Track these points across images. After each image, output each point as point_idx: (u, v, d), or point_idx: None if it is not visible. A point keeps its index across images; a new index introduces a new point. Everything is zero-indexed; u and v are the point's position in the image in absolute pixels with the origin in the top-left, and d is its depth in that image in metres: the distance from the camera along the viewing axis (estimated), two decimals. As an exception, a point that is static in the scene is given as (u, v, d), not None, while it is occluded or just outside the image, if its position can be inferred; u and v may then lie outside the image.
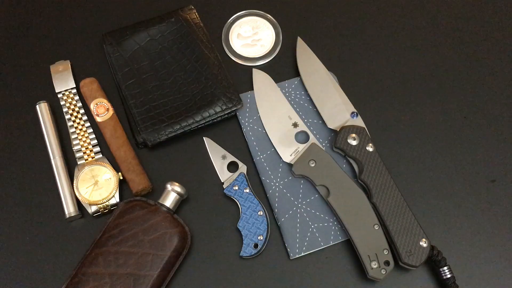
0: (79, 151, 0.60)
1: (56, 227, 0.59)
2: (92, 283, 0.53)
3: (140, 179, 0.59)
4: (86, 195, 0.58)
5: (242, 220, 0.58)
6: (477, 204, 0.60)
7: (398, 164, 0.62)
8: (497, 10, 0.71)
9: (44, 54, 0.67)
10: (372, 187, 0.58)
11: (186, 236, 0.56)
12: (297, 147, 0.61)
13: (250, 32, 0.69)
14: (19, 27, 0.69)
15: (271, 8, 0.71)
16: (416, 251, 0.55)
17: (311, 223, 0.58)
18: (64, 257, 0.57)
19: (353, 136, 0.60)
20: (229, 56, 0.68)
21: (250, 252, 0.57)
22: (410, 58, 0.68)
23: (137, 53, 0.64)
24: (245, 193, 0.59)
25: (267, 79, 0.65)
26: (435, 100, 0.66)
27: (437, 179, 0.62)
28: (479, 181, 0.62)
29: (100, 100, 0.62)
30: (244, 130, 0.63)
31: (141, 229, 0.55)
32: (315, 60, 0.66)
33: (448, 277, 0.55)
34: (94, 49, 0.68)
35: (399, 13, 0.71)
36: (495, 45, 0.69)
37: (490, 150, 0.63)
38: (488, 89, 0.66)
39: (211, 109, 0.62)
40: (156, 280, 0.54)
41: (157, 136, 0.60)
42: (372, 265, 0.55)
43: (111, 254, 0.54)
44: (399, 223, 0.56)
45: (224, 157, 0.61)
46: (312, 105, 0.64)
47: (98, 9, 0.70)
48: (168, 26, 0.66)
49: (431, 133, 0.64)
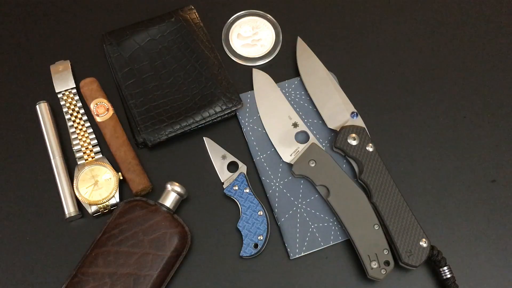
0: (79, 151, 0.60)
1: (56, 227, 0.59)
2: (92, 283, 0.53)
3: (140, 179, 0.59)
4: (86, 195, 0.58)
5: (242, 220, 0.58)
6: (477, 204, 0.60)
7: (398, 164, 0.62)
8: (497, 10, 0.71)
9: (44, 54, 0.67)
10: (372, 187, 0.58)
11: (186, 236, 0.56)
12: (297, 147, 0.61)
13: (250, 32, 0.69)
14: (19, 27, 0.69)
15: (271, 8, 0.71)
16: (416, 251, 0.55)
17: (311, 223, 0.58)
18: (64, 257, 0.57)
19: (353, 136, 0.60)
20: (229, 56, 0.68)
21: (250, 252, 0.57)
22: (410, 58, 0.68)
23: (137, 53, 0.64)
24: (245, 193, 0.59)
25: (267, 79, 0.65)
26: (435, 100, 0.66)
27: (437, 179, 0.62)
28: (479, 181, 0.62)
29: (100, 100, 0.62)
30: (244, 130, 0.63)
31: (141, 229, 0.55)
32: (315, 60, 0.66)
33: (448, 277, 0.55)
34: (94, 49, 0.68)
35: (399, 13, 0.71)
36: (495, 45, 0.69)
37: (490, 150, 0.63)
38: (488, 89, 0.66)
39: (211, 109, 0.62)
40: (156, 280, 0.54)
41: (157, 136, 0.60)
42: (372, 265, 0.55)
43: (111, 254, 0.54)
44: (399, 223, 0.56)
45: (224, 157, 0.61)
46: (312, 105, 0.64)
47: (98, 9, 0.70)
48: (168, 26, 0.66)
49: (431, 133, 0.64)
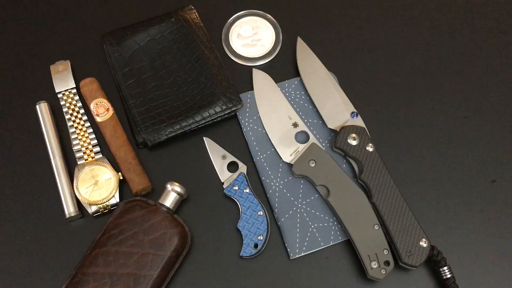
0: (79, 151, 0.60)
1: (56, 227, 0.59)
2: (92, 283, 0.53)
3: (140, 179, 0.59)
4: (86, 195, 0.58)
5: (242, 220, 0.58)
6: (477, 204, 0.60)
7: (398, 164, 0.62)
8: (496, 10, 0.71)
9: (44, 54, 0.67)
10: (372, 187, 0.58)
11: (186, 236, 0.56)
12: (297, 147, 0.61)
13: (250, 32, 0.69)
14: (19, 27, 0.69)
15: (271, 8, 0.71)
16: (416, 251, 0.55)
17: (311, 223, 0.58)
18: (64, 257, 0.57)
19: (353, 136, 0.60)
20: (229, 56, 0.68)
21: (250, 252, 0.57)
22: (410, 58, 0.68)
23: (137, 53, 0.64)
24: (245, 193, 0.59)
25: (267, 79, 0.65)
26: (435, 100, 0.66)
27: (437, 179, 0.62)
28: (479, 181, 0.62)
29: (100, 100, 0.62)
30: (244, 130, 0.63)
31: (141, 229, 0.55)
32: (315, 60, 0.66)
33: (448, 277, 0.55)
34: (94, 49, 0.68)
35: (399, 13, 0.71)
36: (495, 45, 0.69)
37: (490, 150, 0.63)
38: (488, 89, 0.66)
39: (211, 109, 0.62)
40: (156, 280, 0.54)
41: (157, 136, 0.60)
42: (372, 265, 0.55)
43: (111, 254, 0.54)
44: (399, 223, 0.56)
45: (224, 157, 0.61)
46: (312, 105, 0.64)
47: (98, 9, 0.70)
48: (168, 26, 0.66)
49: (431, 133, 0.64)
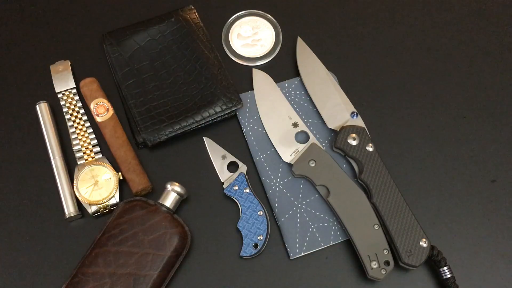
0: (79, 151, 0.60)
1: (56, 227, 0.59)
2: (92, 283, 0.53)
3: (140, 179, 0.59)
4: (86, 195, 0.58)
5: (242, 220, 0.58)
6: (477, 204, 0.60)
7: (398, 164, 0.62)
8: (496, 11, 0.71)
9: (44, 54, 0.67)
10: (372, 187, 0.58)
11: (186, 236, 0.56)
12: (297, 147, 0.61)
13: (250, 32, 0.69)
14: (19, 27, 0.69)
15: (271, 8, 0.71)
16: (416, 251, 0.55)
17: (311, 223, 0.58)
18: (64, 257, 0.57)
19: (353, 136, 0.60)
20: (229, 56, 0.68)
21: (250, 252, 0.57)
22: (410, 58, 0.68)
23: (137, 53, 0.64)
24: (245, 193, 0.59)
25: (267, 79, 0.65)
26: (435, 100, 0.66)
27: (437, 179, 0.62)
28: (479, 181, 0.62)
29: (100, 100, 0.62)
30: (244, 130, 0.63)
31: (141, 229, 0.55)
32: (315, 60, 0.66)
33: (448, 277, 0.55)
34: (94, 49, 0.68)
35: (399, 13, 0.71)
36: (495, 45, 0.69)
37: (490, 150, 0.63)
38: (487, 89, 0.66)
39: (211, 109, 0.62)
40: (156, 280, 0.54)
41: (157, 136, 0.60)
42: (372, 265, 0.55)
43: (111, 254, 0.54)
44: (399, 223, 0.56)
45: (224, 157, 0.61)
46: (312, 105, 0.64)
47: (98, 9, 0.70)
48: (168, 26, 0.66)
49: (431, 133, 0.64)
